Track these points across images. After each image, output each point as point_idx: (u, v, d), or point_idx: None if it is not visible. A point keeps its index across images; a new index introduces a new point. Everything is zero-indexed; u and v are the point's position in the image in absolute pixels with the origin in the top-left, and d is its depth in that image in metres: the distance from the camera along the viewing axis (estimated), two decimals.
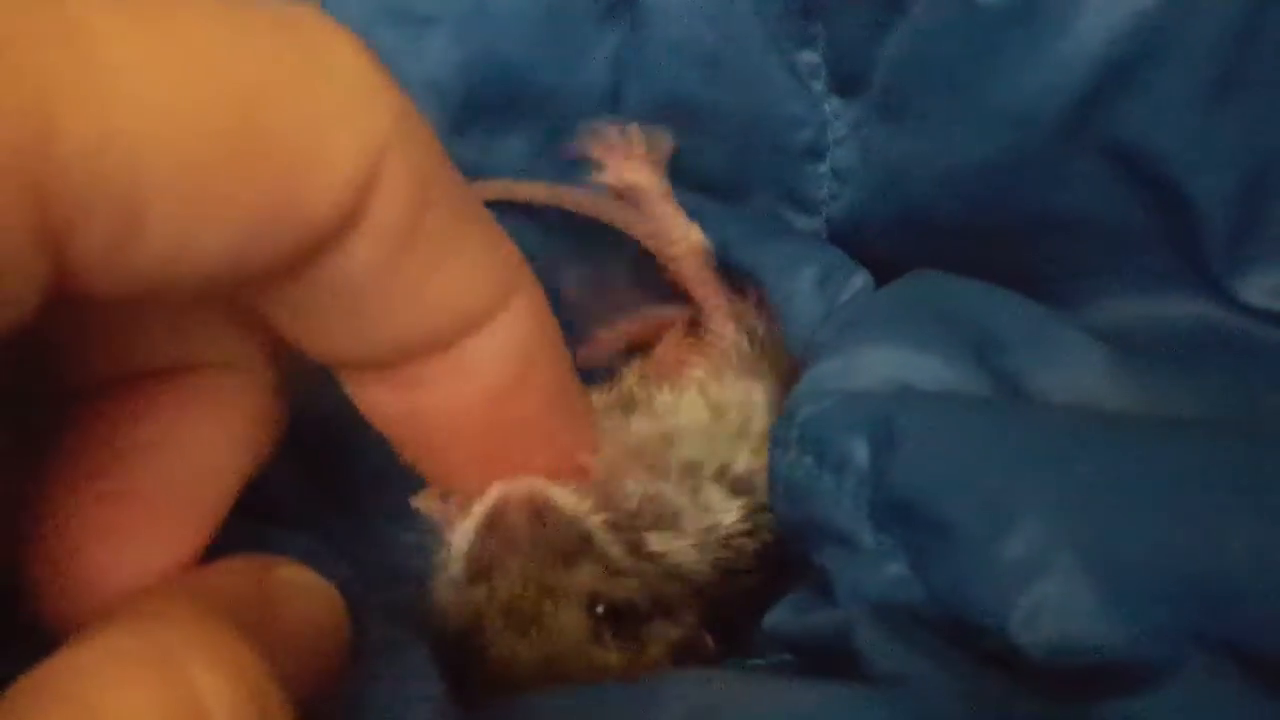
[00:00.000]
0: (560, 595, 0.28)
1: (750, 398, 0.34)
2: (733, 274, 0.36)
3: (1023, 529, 0.23)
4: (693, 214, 0.36)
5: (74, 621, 0.19)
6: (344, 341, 0.22)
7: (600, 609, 0.29)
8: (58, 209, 0.16)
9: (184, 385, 0.22)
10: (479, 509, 0.27)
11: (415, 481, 0.29)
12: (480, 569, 0.28)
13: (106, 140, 0.16)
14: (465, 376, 0.23)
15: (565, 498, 0.28)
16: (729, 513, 0.31)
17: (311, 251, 0.19)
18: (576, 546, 0.28)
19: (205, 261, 0.18)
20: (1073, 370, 0.29)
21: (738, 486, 0.32)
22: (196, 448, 0.22)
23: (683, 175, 0.38)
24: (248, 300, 0.20)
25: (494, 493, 0.27)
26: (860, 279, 0.35)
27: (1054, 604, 0.22)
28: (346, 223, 0.19)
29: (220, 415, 0.22)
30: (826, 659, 0.25)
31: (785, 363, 0.34)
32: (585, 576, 0.29)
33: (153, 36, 0.17)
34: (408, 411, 0.24)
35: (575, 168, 0.36)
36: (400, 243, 0.20)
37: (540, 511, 0.27)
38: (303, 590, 0.23)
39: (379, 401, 0.23)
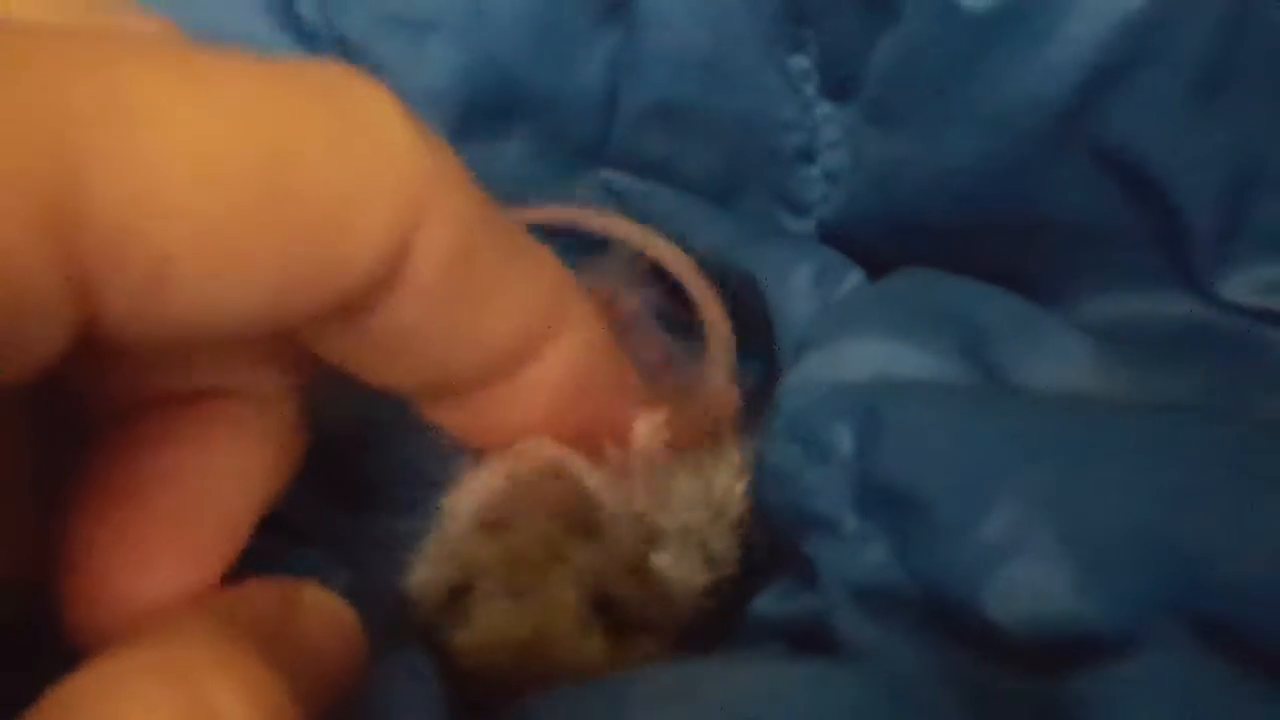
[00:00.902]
0: (567, 566, 0.28)
1: (734, 483, 0.32)
2: (727, 272, 0.36)
3: (1000, 509, 0.23)
4: (686, 215, 0.37)
5: (101, 638, 0.19)
6: (394, 378, 0.22)
7: (599, 597, 0.29)
8: (87, 262, 0.16)
9: (208, 412, 0.23)
10: (507, 460, 0.27)
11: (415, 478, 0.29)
12: (495, 518, 0.28)
13: (136, 199, 0.16)
14: (524, 402, 0.23)
15: (592, 478, 0.28)
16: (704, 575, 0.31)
17: (346, 311, 0.19)
18: (592, 528, 0.28)
19: (234, 318, 0.18)
20: (1059, 363, 0.29)
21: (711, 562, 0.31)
22: (219, 474, 0.22)
23: (676, 177, 0.38)
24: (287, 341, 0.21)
25: (524, 449, 0.26)
26: (855, 277, 0.35)
27: (1029, 581, 0.22)
28: (382, 285, 0.19)
29: (242, 442, 0.23)
30: (809, 644, 0.26)
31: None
32: (595, 558, 0.29)
33: (188, 96, 0.17)
34: (468, 428, 0.25)
35: (571, 167, 0.37)
36: (443, 296, 0.20)
37: (567, 482, 0.27)
38: (324, 613, 0.23)
39: (439, 418, 0.24)
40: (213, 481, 0.22)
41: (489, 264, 0.21)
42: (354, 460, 0.33)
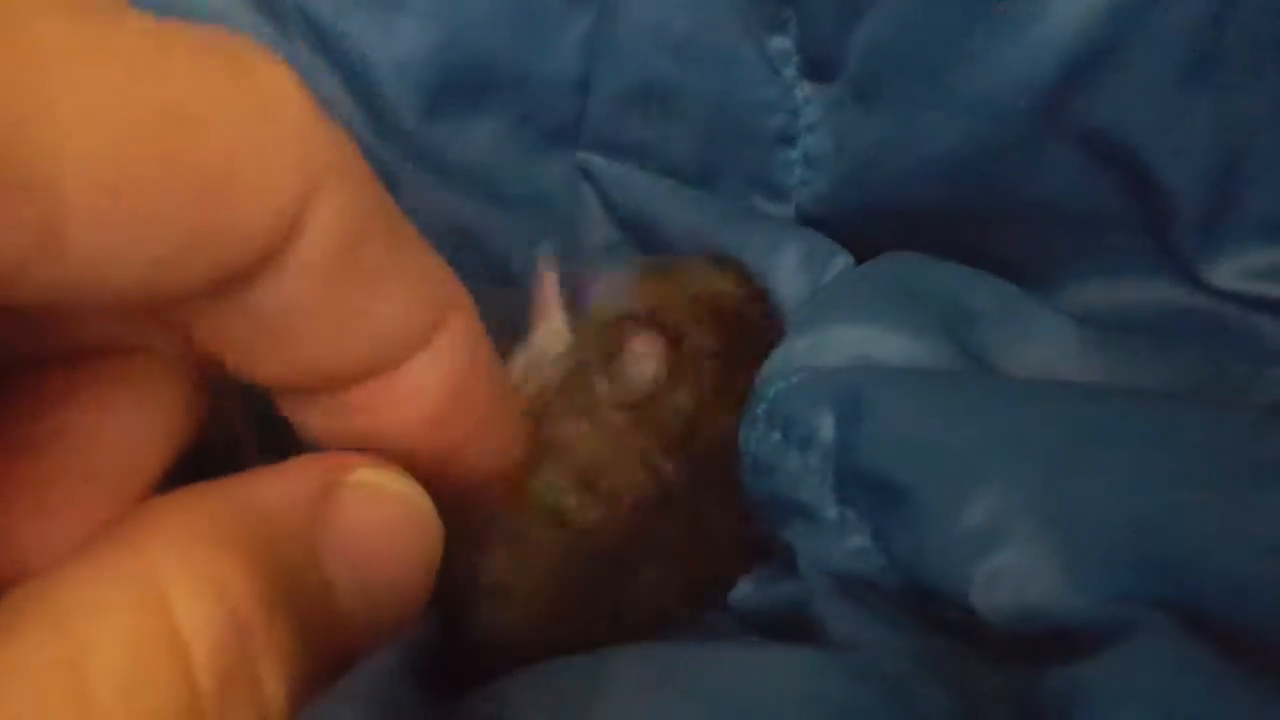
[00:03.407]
0: (644, 420, 0.29)
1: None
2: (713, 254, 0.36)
3: (983, 498, 0.23)
4: (665, 197, 0.36)
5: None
6: (273, 367, 0.21)
7: (655, 464, 0.29)
8: None
9: (102, 369, 0.22)
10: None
11: None
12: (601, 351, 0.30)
13: (27, 141, 0.15)
14: (401, 401, 0.23)
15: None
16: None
17: (235, 280, 0.19)
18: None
19: (124, 280, 0.17)
20: (1044, 347, 0.29)
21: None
22: (119, 431, 0.22)
23: (653, 161, 0.37)
24: (173, 325, 0.20)
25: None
26: (842, 260, 0.35)
27: (1012, 571, 0.22)
28: (272, 254, 0.19)
29: (139, 400, 0.22)
30: (789, 631, 0.25)
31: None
32: (669, 427, 0.30)
33: (87, 42, 0.16)
34: (342, 434, 0.23)
35: (543, 149, 0.36)
36: (330, 276, 0.20)
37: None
38: (375, 501, 0.22)
39: (311, 424, 0.23)
40: (113, 438, 0.21)
41: (379, 247, 0.20)
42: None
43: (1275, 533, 0.21)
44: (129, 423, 0.22)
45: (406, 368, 0.22)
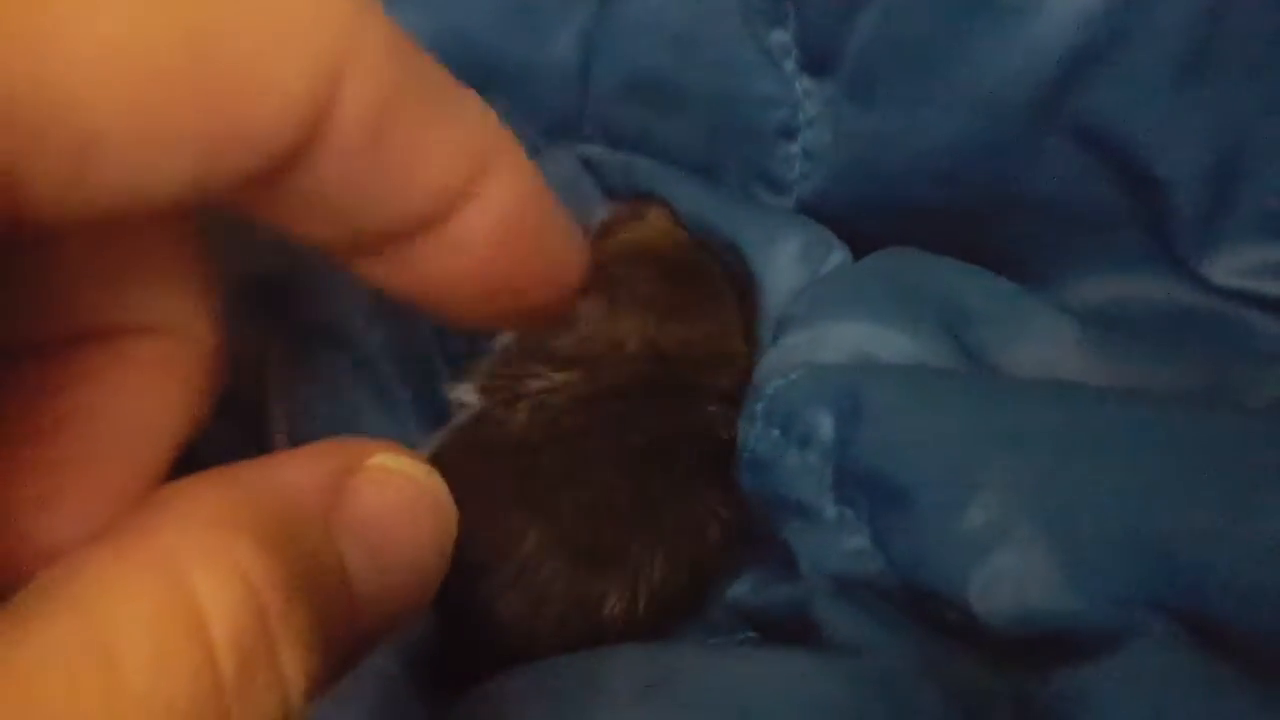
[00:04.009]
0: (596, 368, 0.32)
1: None
2: (705, 239, 0.36)
3: (982, 500, 0.23)
4: (667, 183, 0.36)
5: (6, 584, 0.19)
6: (328, 232, 0.21)
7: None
8: (5, 144, 0.15)
9: (119, 349, 0.22)
10: None
11: None
12: None
13: (52, 78, 0.16)
14: (459, 249, 0.23)
15: None
16: None
17: (275, 169, 0.19)
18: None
19: (162, 187, 0.18)
20: (1042, 345, 0.29)
21: None
22: (131, 414, 0.22)
23: (653, 155, 0.37)
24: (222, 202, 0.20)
25: None
26: (839, 254, 0.35)
27: (1012, 574, 0.22)
28: (307, 140, 0.19)
29: (156, 380, 0.22)
30: (788, 633, 0.25)
31: None
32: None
33: None
34: (404, 282, 0.23)
35: (545, 144, 0.36)
36: (369, 149, 0.20)
37: None
38: (392, 485, 0.22)
39: (374, 276, 0.23)
40: (124, 422, 0.21)
41: (416, 112, 0.20)
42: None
43: (1275, 536, 0.21)
44: (144, 402, 0.22)
45: (459, 217, 0.22)
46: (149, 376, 0.22)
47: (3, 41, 0.15)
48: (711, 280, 0.34)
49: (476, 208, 0.22)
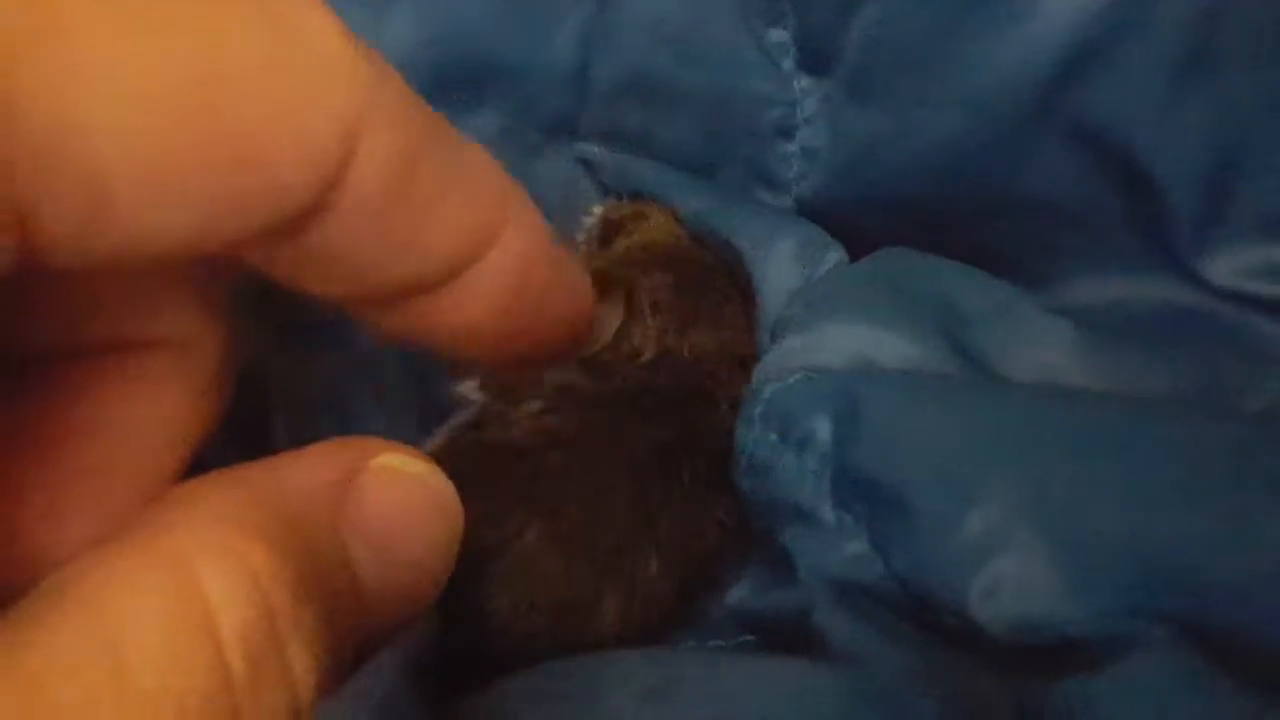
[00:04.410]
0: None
1: None
2: (707, 239, 0.36)
3: (982, 506, 0.23)
4: (665, 184, 0.36)
5: (12, 594, 0.19)
6: (334, 288, 0.21)
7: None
8: (23, 186, 0.15)
9: (127, 362, 0.22)
10: None
11: None
12: None
13: (73, 122, 0.16)
14: (469, 301, 0.23)
15: None
16: None
17: (288, 225, 0.19)
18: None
19: (176, 237, 0.18)
20: (1040, 349, 0.29)
21: None
22: (136, 427, 0.22)
23: (651, 153, 0.37)
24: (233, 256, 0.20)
25: None
26: (835, 255, 0.35)
27: (1012, 581, 0.22)
28: (323, 198, 0.19)
29: (164, 394, 0.22)
30: (787, 638, 0.25)
31: None
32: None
33: (122, 15, 0.16)
34: (415, 330, 0.23)
35: (542, 140, 0.36)
36: (384, 209, 0.20)
37: None
38: (396, 483, 0.22)
39: (385, 325, 0.23)
40: (129, 434, 0.22)
41: (430, 171, 0.20)
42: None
43: (1275, 543, 0.21)
44: (146, 417, 0.22)
45: (471, 272, 0.22)
46: (159, 389, 0.22)
47: (26, 80, 0.15)
48: (723, 285, 0.35)
49: (488, 263, 0.22)
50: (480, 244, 0.22)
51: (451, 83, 0.37)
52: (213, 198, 0.17)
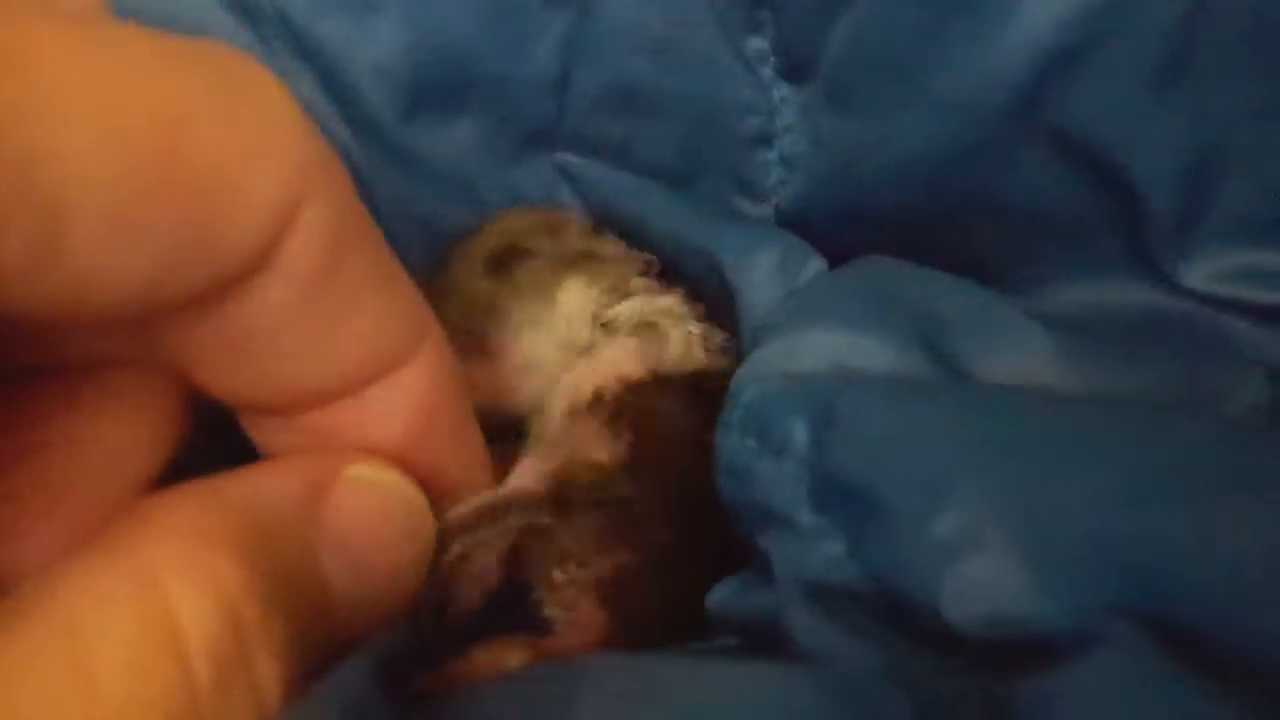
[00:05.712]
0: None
1: None
2: (686, 255, 0.36)
3: (954, 506, 0.23)
4: (643, 198, 0.36)
5: None
6: (249, 384, 0.22)
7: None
8: None
9: (84, 383, 0.22)
10: None
11: None
12: None
13: (38, 150, 0.16)
14: (369, 425, 0.23)
15: None
16: None
17: (225, 286, 0.19)
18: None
19: (120, 287, 0.18)
20: (1018, 355, 0.29)
21: None
22: (97, 446, 0.22)
23: (631, 162, 0.37)
24: (156, 338, 0.20)
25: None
26: (816, 264, 0.35)
27: (983, 580, 0.22)
28: (261, 260, 0.19)
29: (122, 415, 0.22)
30: (767, 640, 0.25)
31: None
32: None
33: (87, 58, 0.17)
34: (296, 449, 0.23)
35: (522, 150, 0.36)
36: (313, 287, 0.20)
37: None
38: (368, 493, 0.22)
39: (275, 445, 0.23)
40: (90, 453, 0.22)
41: (358, 262, 0.21)
42: None
43: (1244, 545, 0.21)
44: (120, 430, 0.22)
45: (376, 391, 0.22)
46: (128, 404, 0.22)
47: None
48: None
49: (398, 383, 0.23)
50: (395, 353, 0.22)
51: (431, 91, 0.37)
52: (162, 243, 0.18)
